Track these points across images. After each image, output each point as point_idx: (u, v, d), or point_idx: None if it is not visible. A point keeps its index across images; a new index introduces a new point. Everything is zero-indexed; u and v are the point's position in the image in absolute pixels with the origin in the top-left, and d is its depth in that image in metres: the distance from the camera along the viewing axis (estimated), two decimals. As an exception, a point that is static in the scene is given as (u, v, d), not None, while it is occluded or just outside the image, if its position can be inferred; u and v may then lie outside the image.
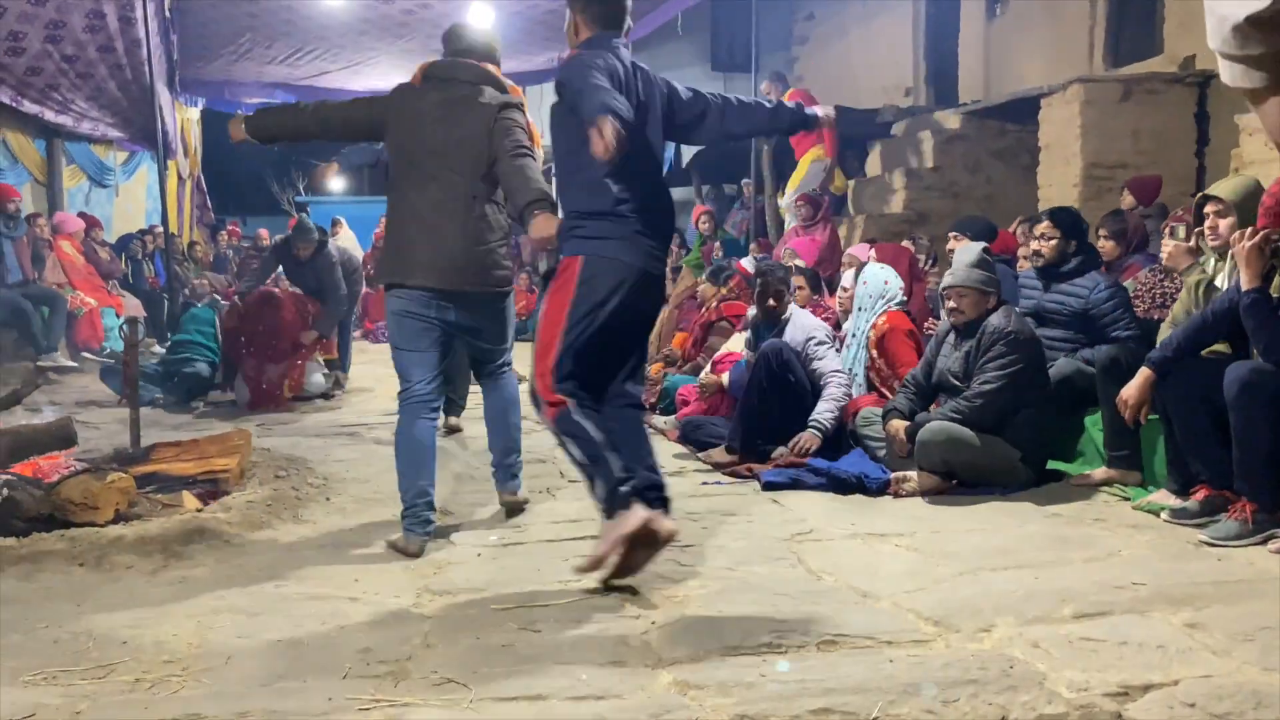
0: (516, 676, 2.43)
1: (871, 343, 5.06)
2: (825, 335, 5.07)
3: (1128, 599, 2.90)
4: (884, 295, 5.11)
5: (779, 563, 3.35)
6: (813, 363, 4.94)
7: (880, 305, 5.10)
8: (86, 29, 9.55)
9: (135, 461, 4.44)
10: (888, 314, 5.06)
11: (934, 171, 9.27)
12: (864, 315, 5.17)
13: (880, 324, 5.06)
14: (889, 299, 5.10)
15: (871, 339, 5.07)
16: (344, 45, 12.05)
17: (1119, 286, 4.64)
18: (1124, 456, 4.24)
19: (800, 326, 5.08)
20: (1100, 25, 9.36)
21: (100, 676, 2.49)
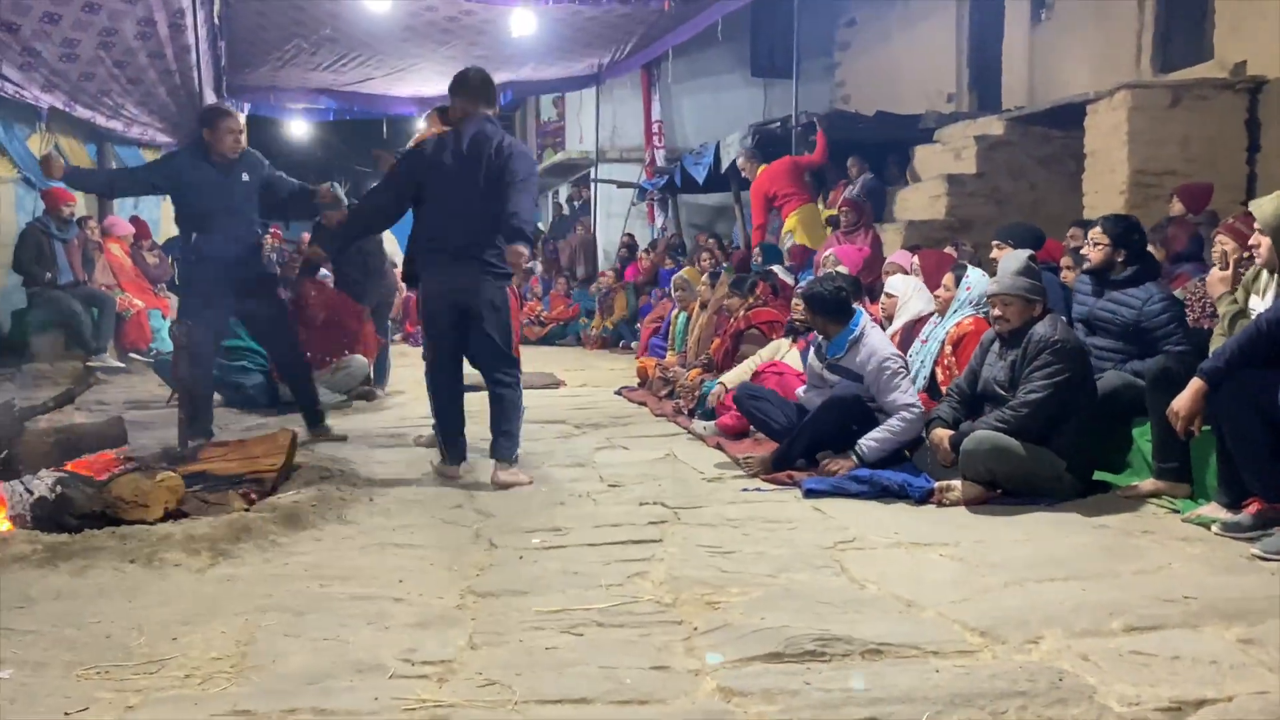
0: (560, 679, 2.44)
1: (951, 338, 5.02)
2: (898, 365, 4.81)
3: (1179, 613, 2.85)
4: (978, 303, 5.06)
5: (821, 571, 3.33)
6: (885, 394, 4.73)
7: (970, 310, 5.06)
8: (138, 36, 9.73)
9: (183, 461, 4.51)
10: (974, 318, 5.01)
11: (977, 178, 9.19)
12: (955, 316, 5.12)
13: (965, 324, 5.02)
14: (982, 307, 5.05)
15: (952, 334, 5.03)
16: (387, 52, 12.18)
17: (1173, 299, 4.56)
18: (1173, 468, 4.17)
19: (872, 350, 4.84)
20: (1148, 30, 9.25)
21: (152, 672, 2.52)
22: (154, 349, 9.97)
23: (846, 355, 4.90)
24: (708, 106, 16.16)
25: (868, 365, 4.79)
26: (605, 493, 4.50)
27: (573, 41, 12.41)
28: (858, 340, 4.89)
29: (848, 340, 4.91)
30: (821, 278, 5.41)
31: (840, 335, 4.94)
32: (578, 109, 17.10)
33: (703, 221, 15.78)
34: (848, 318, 4.94)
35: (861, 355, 4.85)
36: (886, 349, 4.88)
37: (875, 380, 4.77)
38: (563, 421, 6.51)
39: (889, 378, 4.74)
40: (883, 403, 4.74)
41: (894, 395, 4.72)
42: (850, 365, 4.87)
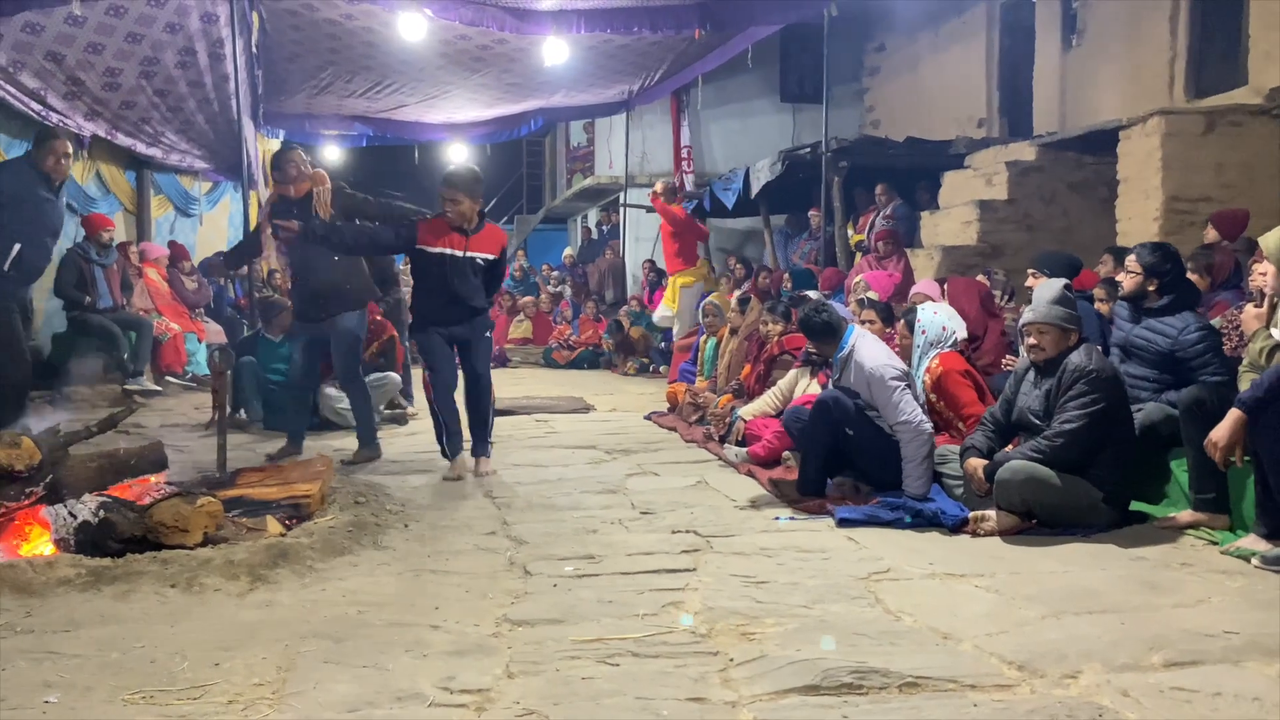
0: (597, 710, 2.45)
1: (928, 386, 5.00)
2: (889, 377, 4.66)
3: (1220, 648, 2.82)
4: (941, 340, 5.04)
5: (856, 601, 3.32)
6: (881, 409, 4.68)
7: (934, 351, 5.04)
8: (178, 65, 9.95)
9: (222, 486, 4.57)
10: (940, 356, 4.99)
11: (1008, 204, 9.16)
12: (922, 361, 5.10)
13: (934, 367, 4.98)
14: (944, 342, 5.03)
15: (928, 384, 5.01)
16: (421, 79, 12.35)
17: (1209, 329, 4.53)
18: (1210, 499, 4.14)
19: (859, 364, 4.76)
20: (1181, 56, 9.21)
21: (195, 698, 2.56)
22: (189, 372, 10.11)
23: (842, 376, 4.89)
24: (737, 132, 16.23)
25: (860, 380, 4.76)
26: (637, 520, 4.51)
27: (603, 69, 12.52)
28: (848, 359, 4.85)
29: (840, 360, 4.90)
30: (805, 305, 5.39)
31: (836, 356, 4.93)
32: (608, 134, 17.23)
33: (731, 246, 15.82)
34: (837, 338, 4.90)
35: (852, 372, 4.82)
36: (877, 361, 4.75)
37: (869, 395, 4.75)
38: (593, 447, 6.53)
39: (880, 391, 4.67)
40: (886, 419, 4.71)
41: (889, 410, 4.65)
42: (847, 384, 4.85)
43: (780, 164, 11.08)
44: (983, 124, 12.44)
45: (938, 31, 13.34)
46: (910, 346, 5.23)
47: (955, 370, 4.96)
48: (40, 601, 3.32)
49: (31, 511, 3.96)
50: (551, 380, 11.21)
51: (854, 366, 4.79)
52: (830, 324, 4.93)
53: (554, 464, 5.93)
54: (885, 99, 15.17)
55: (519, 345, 13.53)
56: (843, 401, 4.77)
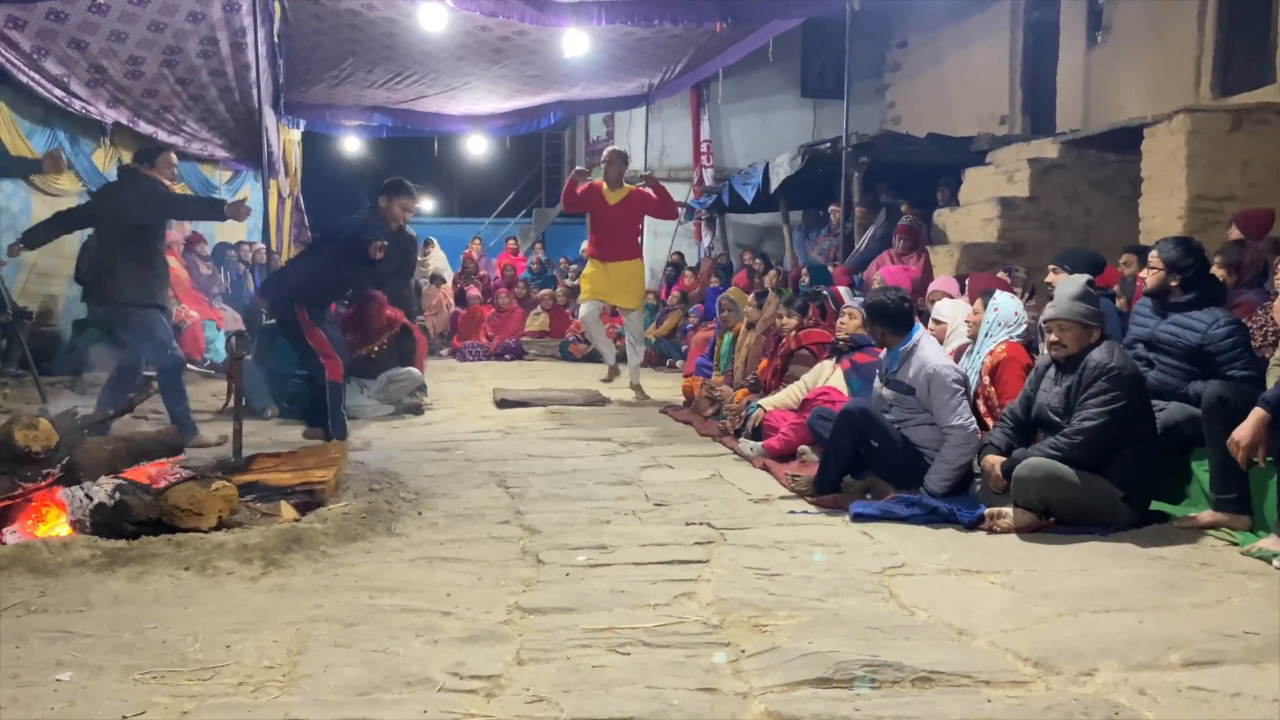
0: (608, 698, 2.44)
1: (986, 368, 4.96)
2: (951, 379, 4.61)
3: (1240, 648, 2.79)
4: (1010, 324, 4.99)
5: (870, 596, 3.30)
6: (935, 410, 4.60)
7: (1002, 334, 4.99)
8: (200, 54, 9.99)
9: (237, 471, 4.58)
10: (1007, 344, 4.94)
11: (1030, 201, 9.08)
12: (987, 342, 5.07)
13: (999, 351, 4.94)
14: (1014, 329, 4.98)
15: (987, 365, 4.96)
16: (442, 70, 12.35)
17: (1239, 324, 4.46)
18: (1231, 500, 4.08)
19: (923, 362, 4.67)
20: (1208, 53, 9.11)
21: (205, 678, 2.57)
22: (208, 359, 10.16)
23: (900, 369, 4.75)
24: (757, 127, 16.17)
25: (919, 377, 4.65)
26: (651, 512, 4.49)
27: (624, 61, 12.49)
28: (910, 353, 4.73)
29: (901, 353, 4.77)
30: (884, 288, 5.23)
31: (896, 348, 4.81)
32: (627, 128, 17.19)
33: (750, 241, 15.76)
34: (907, 330, 4.80)
35: (914, 367, 4.69)
36: (939, 361, 4.69)
37: (925, 394, 4.63)
38: (608, 439, 6.51)
39: (939, 392, 4.58)
40: (935, 419, 4.62)
41: (944, 412, 4.58)
42: (903, 379, 4.73)
43: (800, 159, 11.03)
44: (1005, 121, 12.35)
45: (960, 28, 13.24)
46: (979, 324, 5.18)
47: (1018, 360, 4.90)
48: (55, 581, 3.34)
49: (48, 493, 3.98)
50: (568, 373, 11.20)
51: (916, 362, 4.69)
52: (906, 313, 4.82)
53: (568, 455, 5.92)
54: (907, 95, 15.08)
55: (536, 338, 13.51)
56: (870, 413, 4.72)
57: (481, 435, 6.73)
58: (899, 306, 4.81)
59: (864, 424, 4.71)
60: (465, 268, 15.63)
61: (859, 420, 4.71)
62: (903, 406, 4.76)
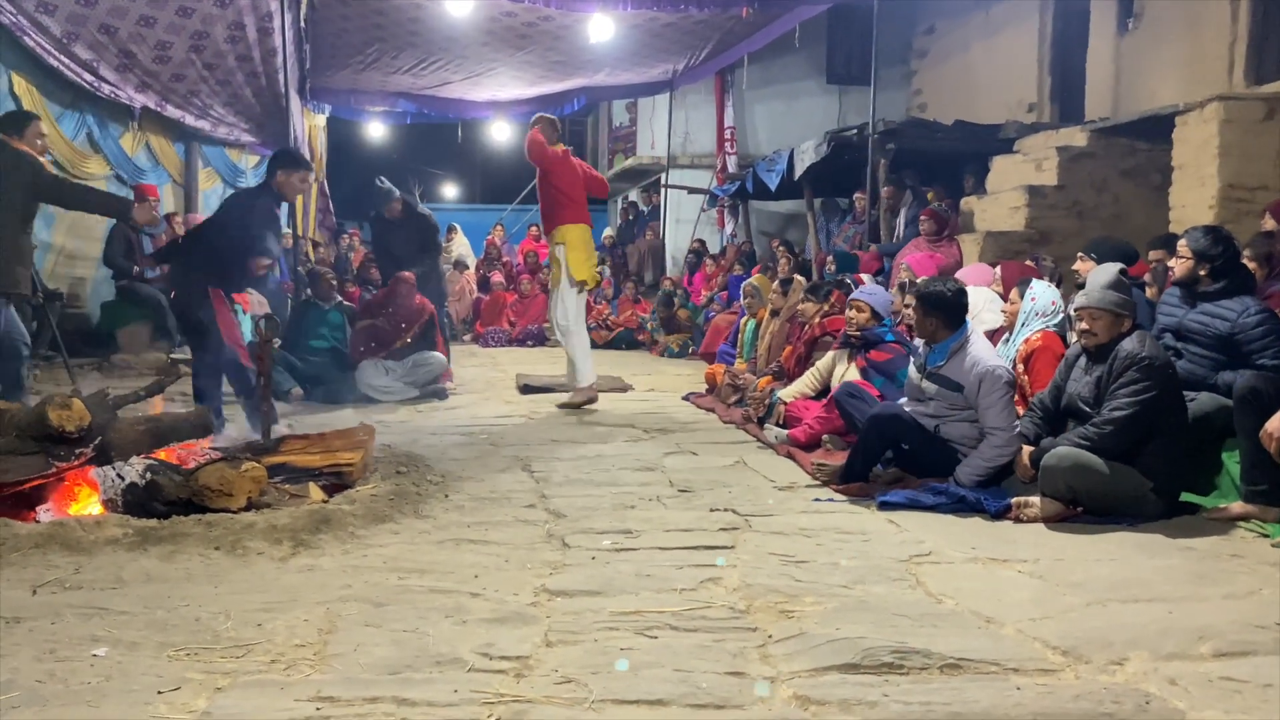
0: (635, 681, 2.45)
1: (1020, 356, 4.92)
2: (1005, 380, 4.54)
3: (1272, 640, 2.76)
4: (1047, 314, 4.95)
5: (897, 584, 3.29)
6: (984, 408, 4.53)
7: (1038, 323, 4.96)
8: (227, 39, 10.03)
9: (266, 452, 4.62)
10: (1043, 333, 4.90)
11: (1058, 189, 9.00)
12: (1024, 331, 5.03)
13: (1034, 340, 4.90)
14: (1050, 318, 4.94)
15: (1021, 353, 4.93)
16: (466, 56, 12.36)
17: (1270, 313, 4.42)
18: (1262, 491, 4.04)
19: (977, 359, 4.58)
20: (1241, 41, 8.97)
21: (238, 656, 2.60)
22: (234, 343, 10.23)
23: (948, 364, 4.67)
24: (782, 113, 16.09)
25: (970, 374, 4.57)
26: (675, 498, 4.50)
27: (648, 47, 12.46)
28: (962, 348, 4.64)
29: (950, 347, 4.68)
30: (940, 279, 5.09)
31: (945, 342, 4.71)
32: (650, 114, 17.15)
33: (774, 229, 15.71)
34: (959, 323, 4.72)
35: (966, 364, 4.59)
36: (994, 360, 4.62)
37: (976, 391, 4.55)
38: (631, 425, 6.53)
39: (991, 390, 4.51)
40: (980, 417, 4.56)
41: (991, 412, 4.51)
42: (951, 374, 4.65)
43: (826, 146, 10.97)
44: (1033, 109, 12.22)
45: (989, 14, 13.11)
46: (1016, 314, 5.16)
47: (1052, 349, 4.85)
48: (88, 559, 3.39)
49: (81, 472, 4.04)
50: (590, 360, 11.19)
51: (968, 359, 4.59)
52: (962, 306, 4.72)
53: (592, 441, 5.93)
54: (933, 82, 14.95)
55: (558, 324, 13.54)
56: (900, 419, 4.68)
57: (505, 420, 6.76)
58: (958, 300, 4.71)
59: (894, 430, 4.69)
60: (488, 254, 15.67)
61: (889, 425, 4.69)
62: (945, 401, 4.69)
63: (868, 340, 5.92)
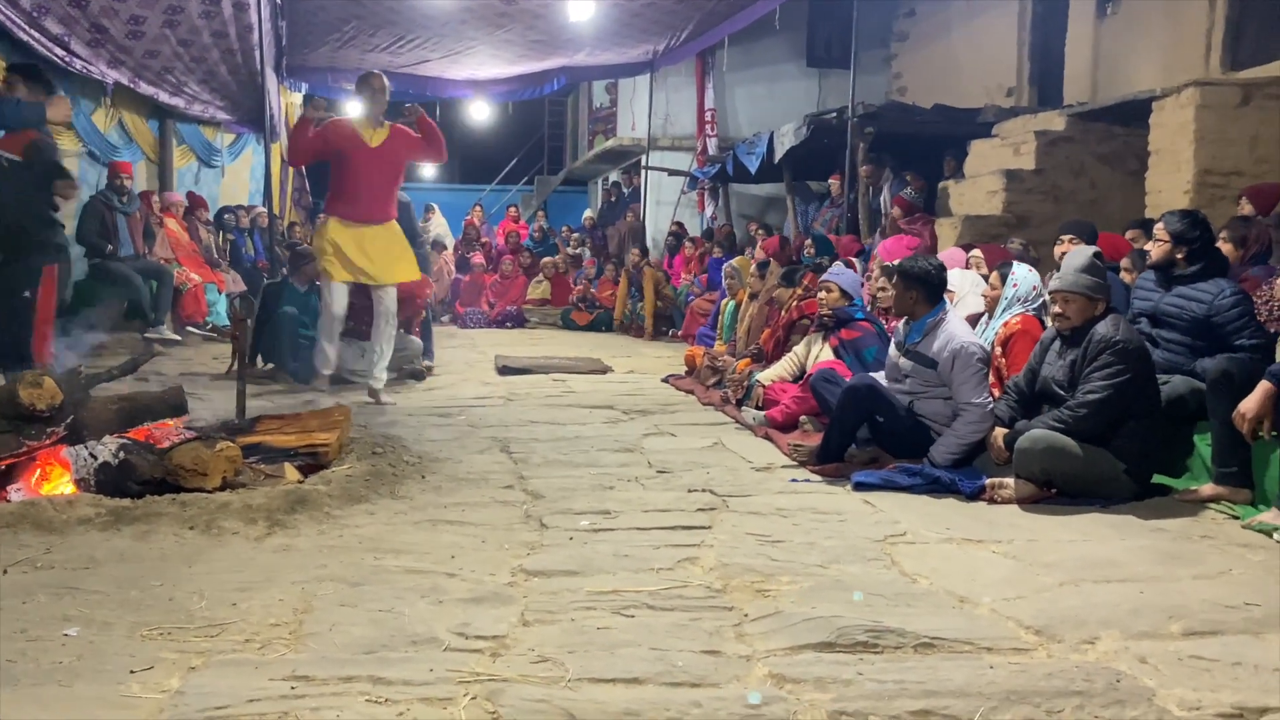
0: (612, 659, 2.45)
1: (999, 339, 4.95)
2: (978, 357, 4.59)
3: (1241, 619, 2.80)
4: (1027, 298, 4.97)
5: (872, 563, 3.31)
6: (956, 385, 4.56)
7: (1019, 308, 4.98)
8: (202, 15, 9.88)
9: (241, 432, 4.59)
10: (1022, 316, 4.92)
11: (1036, 174, 9.02)
12: (1003, 314, 5.05)
13: (1013, 323, 4.92)
14: (1031, 303, 4.97)
15: (1000, 335, 4.95)
16: (445, 34, 12.25)
17: (1244, 294, 4.47)
18: (1233, 473, 4.09)
19: (951, 336, 4.63)
20: (1219, 27, 9.01)
21: (213, 635, 2.58)
22: (209, 322, 10.15)
23: (924, 341, 4.70)
24: (762, 96, 16.05)
25: (944, 351, 4.60)
26: (654, 479, 4.50)
27: (629, 27, 12.39)
28: (938, 325, 4.69)
29: (927, 324, 4.71)
30: (923, 256, 5.13)
31: (923, 319, 4.74)
32: (630, 96, 17.07)
33: (754, 212, 15.70)
34: (937, 300, 4.76)
35: (940, 340, 4.64)
36: (968, 338, 4.66)
37: (950, 367, 4.58)
38: (610, 407, 6.52)
39: (964, 368, 4.54)
40: (953, 394, 4.60)
41: (964, 389, 4.54)
42: (926, 351, 4.68)
43: (806, 129, 10.95)
44: (1012, 93, 12.25)
45: (970, -2, 13.12)
46: (997, 298, 5.18)
47: (1030, 333, 4.89)
48: (60, 539, 3.35)
49: (52, 451, 3.99)
50: (570, 341, 11.20)
51: (943, 336, 4.63)
52: (940, 282, 4.76)
53: (571, 422, 5.92)
54: (913, 66, 14.95)
55: (537, 306, 13.49)
56: (876, 389, 4.70)
57: (484, 401, 6.74)
58: (939, 277, 4.76)
59: (870, 401, 4.70)
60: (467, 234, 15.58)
61: (864, 397, 4.70)
62: (919, 379, 4.73)
63: (840, 319, 5.96)
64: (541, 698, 2.24)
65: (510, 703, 2.21)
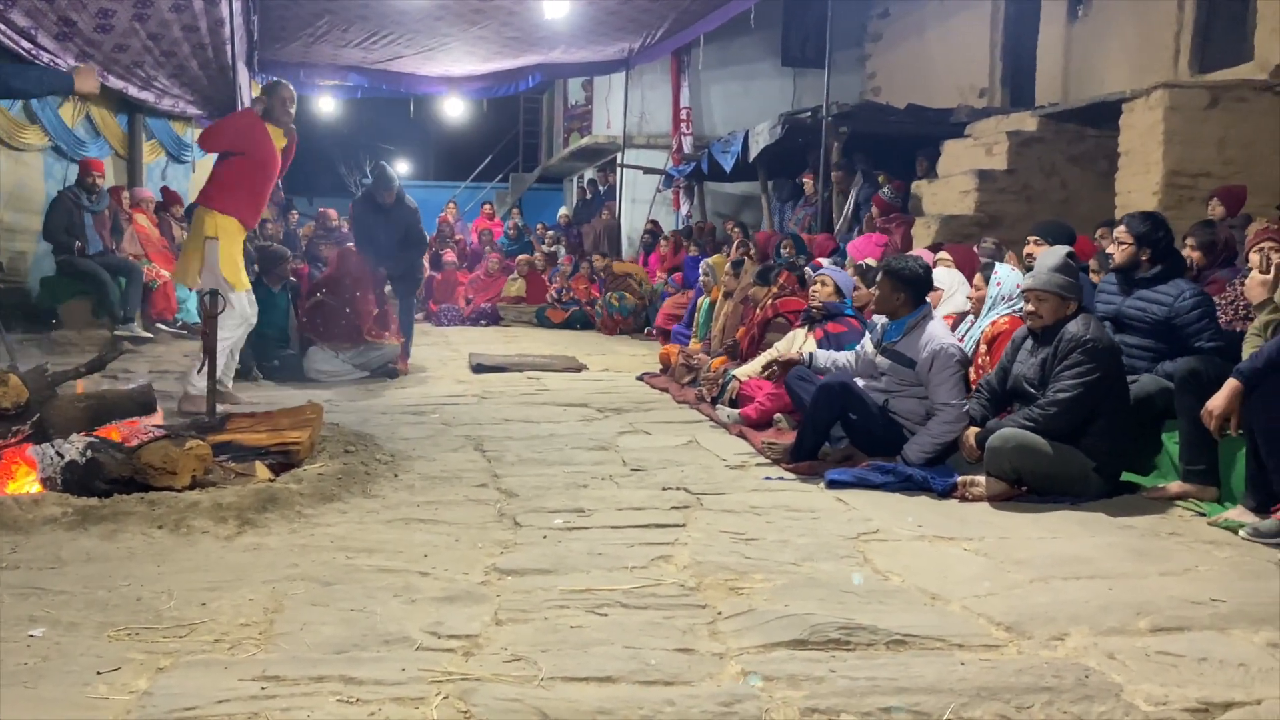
0: (585, 658, 2.45)
1: (986, 337, 4.98)
2: (956, 359, 4.62)
3: (1207, 615, 2.84)
4: (1011, 298, 5.00)
5: (845, 561, 3.33)
6: (934, 385, 4.59)
7: (1004, 308, 5.02)
8: (172, 8, 9.75)
9: (211, 430, 4.54)
10: (1010, 318, 4.95)
11: (1008, 174, 9.11)
12: (990, 314, 5.08)
13: (1000, 323, 4.95)
14: (1015, 303, 5.01)
15: (987, 334, 4.99)
16: (419, 30, 12.18)
17: (1205, 295, 4.52)
18: (1200, 470, 4.15)
19: (931, 336, 4.65)
20: (1187, 30, 9.14)
21: (181, 636, 2.55)
22: (179, 319, 10.04)
23: (904, 340, 4.73)
24: (737, 95, 16.09)
25: (923, 351, 4.63)
26: (628, 477, 4.50)
27: (604, 25, 12.37)
28: (918, 325, 4.71)
29: (908, 324, 4.73)
30: (909, 255, 5.15)
31: (903, 318, 4.76)
32: (606, 94, 17.07)
33: (729, 210, 15.74)
34: (919, 301, 4.78)
35: (920, 340, 4.66)
36: (947, 339, 4.69)
37: (928, 368, 4.61)
38: (585, 405, 6.51)
39: (943, 368, 4.57)
40: (930, 394, 4.62)
41: (942, 389, 4.57)
42: (905, 350, 4.70)
43: (780, 128, 10.99)
44: (984, 94, 12.35)
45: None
46: (983, 299, 5.22)
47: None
48: (26, 538, 3.31)
49: (18, 450, 3.94)
50: (544, 339, 11.17)
51: (923, 336, 4.66)
52: (925, 283, 4.79)
53: (545, 420, 5.91)
54: (887, 66, 15.04)
55: (512, 304, 13.45)
56: (849, 388, 4.71)
57: (457, 399, 6.72)
58: (926, 276, 4.79)
59: (843, 399, 4.72)
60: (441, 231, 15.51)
61: (838, 395, 4.72)
62: (896, 377, 4.75)
63: (830, 312, 6.01)
64: (514, 697, 2.23)
65: (483, 702, 2.20)
